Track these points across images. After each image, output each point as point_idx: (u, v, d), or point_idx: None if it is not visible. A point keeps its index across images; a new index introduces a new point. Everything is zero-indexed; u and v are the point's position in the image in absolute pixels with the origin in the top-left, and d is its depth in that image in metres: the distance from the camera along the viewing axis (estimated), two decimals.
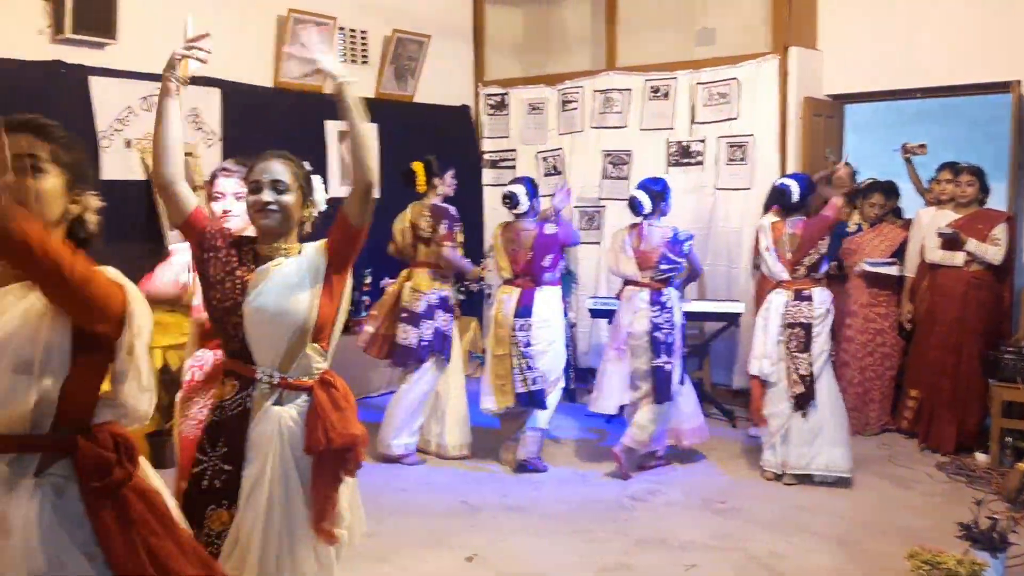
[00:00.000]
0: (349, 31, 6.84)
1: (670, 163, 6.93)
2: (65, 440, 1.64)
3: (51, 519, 1.61)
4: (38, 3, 5.12)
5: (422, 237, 5.35)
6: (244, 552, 2.32)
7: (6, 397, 1.57)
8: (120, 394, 1.74)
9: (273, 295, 2.37)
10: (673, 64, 6.96)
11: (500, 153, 7.89)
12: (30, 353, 1.60)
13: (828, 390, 4.88)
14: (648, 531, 4.30)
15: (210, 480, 2.37)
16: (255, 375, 2.39)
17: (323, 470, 2.38)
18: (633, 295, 5.04)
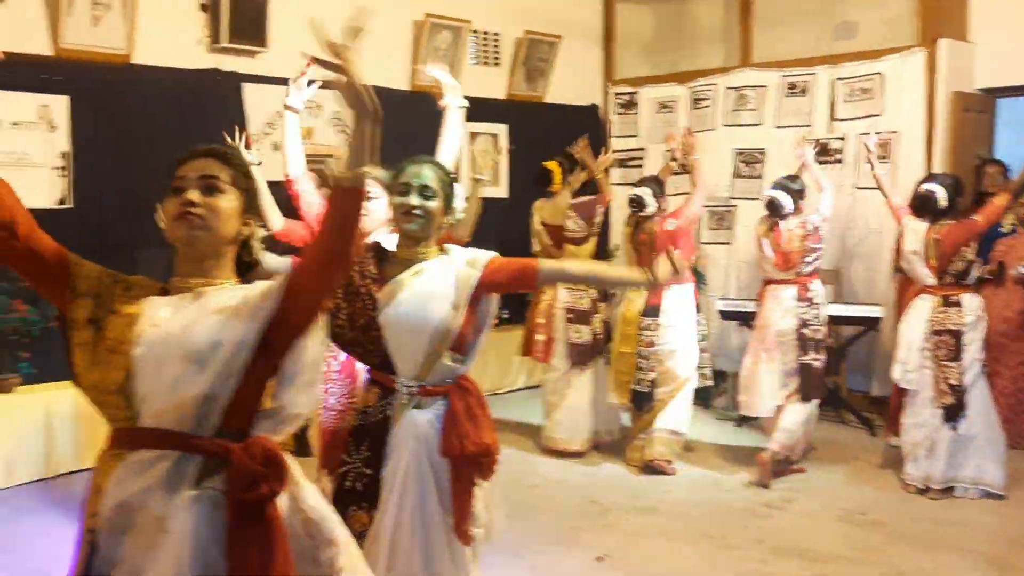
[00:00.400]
0: (482, 34, 6.97)
1: None
2: (222, 447, 1.67)
3: (207, 534, 1.64)
4: (198, 15, 5.45)
5: (572, 237, 5.41)
6: (379, 550, 2.40)
7: (173, 385, 1.64)
8: (283, 397, 1.77)
9: (412, 305, 2.41)
10: (811, 59, 6.76)
11: (628, 152, 7.85)
12: (203, 345, 1.66)
13: (981, 402, 4.65)
14: (785, 540, 4.21)
15: (352, 482, 2.46)
16: (395, 385, 2.46)
17: (459, 474, 2.44)
18: (779, 293, 4.94)
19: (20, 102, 4.86)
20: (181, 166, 1.78)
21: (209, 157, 1.79)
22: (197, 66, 5.44)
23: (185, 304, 1.74)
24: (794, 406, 4.87)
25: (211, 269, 1.79)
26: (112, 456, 1.69)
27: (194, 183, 1.75)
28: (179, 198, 1.74)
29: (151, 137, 5.27)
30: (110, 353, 1.67)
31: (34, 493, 4.69)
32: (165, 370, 1.65)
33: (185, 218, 1.73)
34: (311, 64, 2.44)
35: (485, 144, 7.10)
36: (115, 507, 1.64)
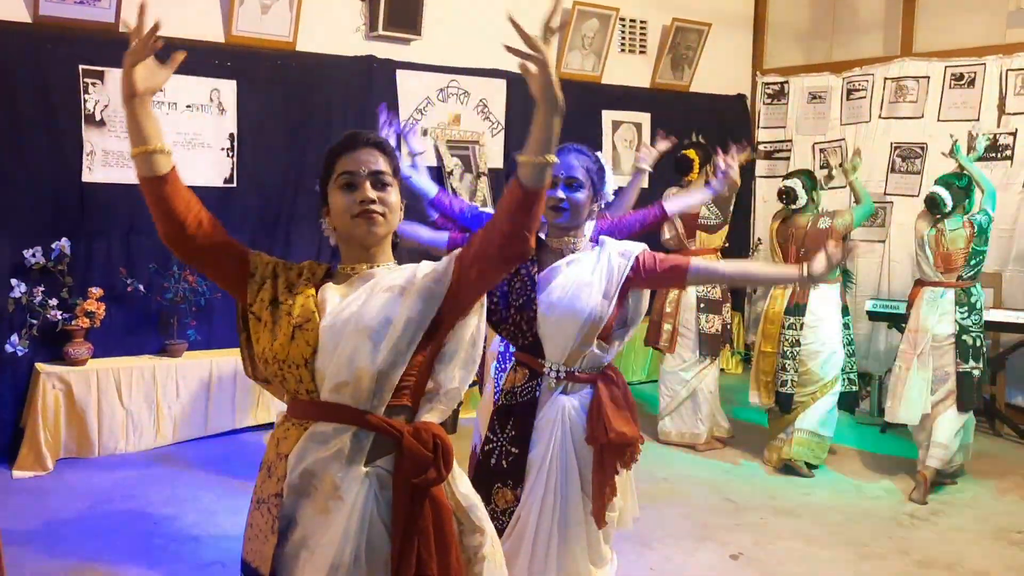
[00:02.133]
0: (629, 21, 6.92)
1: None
2: (395, 428, 1.75)
3: (374, 508, 1.72)
4: (357, 4, 5.66)
5: (705, 225, 5.36)
6: (522, 530, 2.47)
7: (351, 360, 1.72)
8: (440, 373, 1.84)
9: (566, 293, 2.44)
10: (980, 49, 6.36)
11: (775, 144, 7.63)
12: (376, 320, 1.75)
13: None
14: (932, 553, 4.03)
15: (498, 459, 2.51)
16: (543, 369, 2.51)
17: (602, 461, 2.48)
18: (935, 296, 4.71)
19: (195, 86, 5.19)
20: (342, 157, 1.82)
21: (371, 147, 1.83)
22: (354, 53, 5.66)
23: (357, 286, 1.83)
24: (948, 417, 4.63)
25: (376, 255, 1.87)
26: (293, 426, 1.80)
27: (365, 179, 1.80)
28: (354, 195, 1.79)
29: (310, 121, 5.53)
30: (297, 329, 1.77)
31: (196, 450, 5.04)
32: (344, 345, 1.74)
33: (367, 216, 1.79)
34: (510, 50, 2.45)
35: (627, 133, 7.06)
36: (300, 473, 1.75)
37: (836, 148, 7.16)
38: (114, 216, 5.03)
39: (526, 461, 2.48)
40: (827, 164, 7.09)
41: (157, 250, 5.09)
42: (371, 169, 1.81)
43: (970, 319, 4.63)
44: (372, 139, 1.84)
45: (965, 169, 4.83)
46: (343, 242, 1.87)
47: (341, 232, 1.85)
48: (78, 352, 4.83)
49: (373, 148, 1.83)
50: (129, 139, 1.75)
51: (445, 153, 5.96)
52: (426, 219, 3.30)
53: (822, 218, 5.01)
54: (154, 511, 4.21)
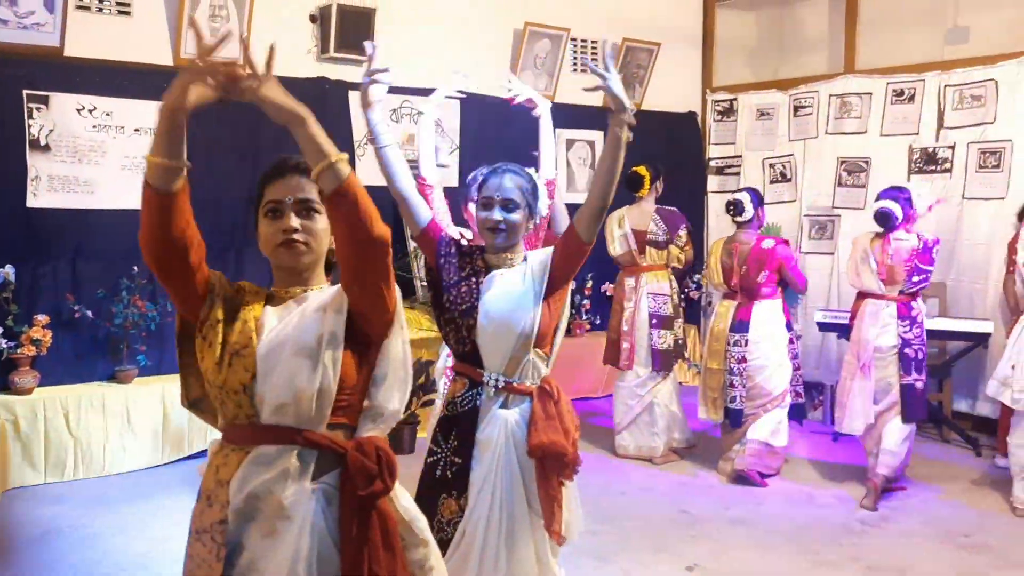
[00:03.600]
0: (580, 41, 7.01)
1: (912, 170, 6.53)
2: (338, 444, 1.77)
3: (322, 524, 1.73)
4: (308, 26, 5.67)
5: (654, 241, 5.42)
6: (468, 547, 2.48)
7: (290, 381, 1.73)
8: (376, 396, 1.85)
9: (498, 303, 2.50)
10: (920, 66, 6.55)
11: (726, 160, 7.77)
12: (311, 339, 1.76)
13: None
14: (882, 559, 4.10)
15: (443, 470, 2.52)
16: (482, 379, 2.53)
17: (545, 474, 2.50)
18: (879, 309, 4.80)
19: (143, 109, 5.15)
20: (270, 184, 1.83)
21: (299, 174, 1.83)
22: (306, 75, 5.66)
23: (290, 309, 1.84)
24: (894, 426, 4.73)
25: (309, 279, 1.88)
26: (233, 451, 1.79)
27: (291, 207, 1.81)
28: (278, 224, 1.80)
29: (262, 143, 5.50)
30: (234, 356, 1.77)
31: (148, 477, 4.96)
32: (283, 368, 1.75)
33: (290, 246, 1.81)
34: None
35: (581, 151, 7.13)
36: (245, 497, 1.74)
37: (786, 163, 7.31)
38: (60, 242, 4.97)
39: (469, 471, 2.50)
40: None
41: (105, 275, 5.04)
42: (297, 197, 1.81)
43: (911, 332, 4.72)
44: (301, 165, 1.82)
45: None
46: (274, 267, 1.89)
47: (270, 258, 1.87)
48: (24, 381, 4.74)
49: (301, 175, 1.83)
50: (154, 147, 1.71)
51: None
52: None
53: (767, 239, 5.08)
54: (104, 540, 4.13)
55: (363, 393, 1.85)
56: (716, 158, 7.83)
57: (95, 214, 5.06)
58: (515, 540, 2.49)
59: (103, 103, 5.04)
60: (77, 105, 4.98)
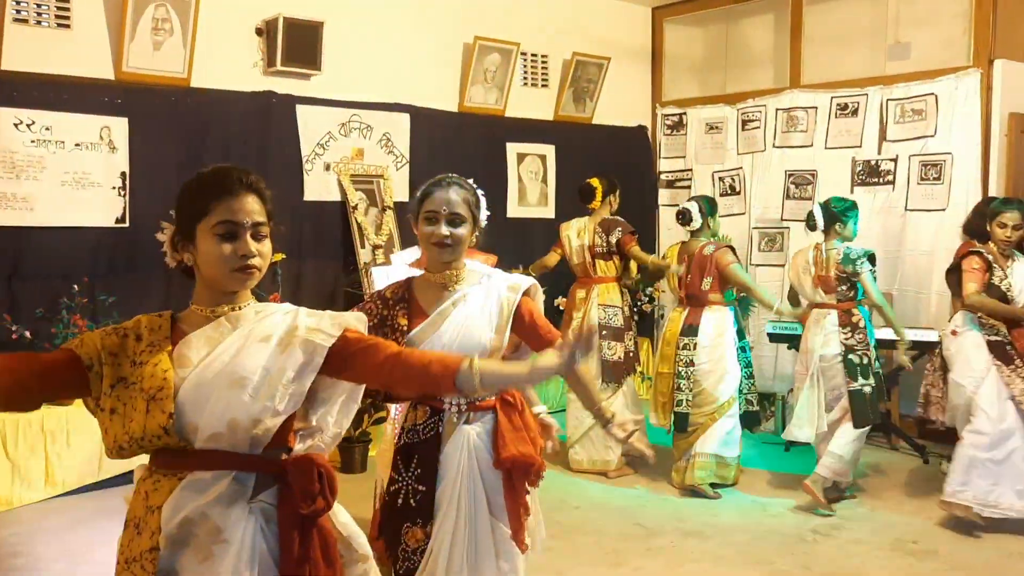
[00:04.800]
0: (531, 56, 7.03)
1: (856, 183, 6.65)
2: (277, 464, 1.74)
3: (261, 543, 1.70)
4: (253, 40, 5.59)
5: (600, 253, 5.43)
6: (435, 562, 2.43)
7: (224, 412, 1.68)
8: (317, 418, 1.83)
9: (456, 334, 2.44)
10: (863, 80, 6.69)
11: (676, 173, 7.84)
12: (251, 372, 1.69)
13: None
14: (834, 567, 4.13)
15: (405, 499, 2.47)
16: (444, 406, 2.49)
17: (512, 484, 2.49)
18: (821, 317, 4.87)
19: (83, 124, 5.03)
20: (221, 202, 1.73)
21: (253, 193, 1.76)
22: (252, 89, 5.58)
23: (223, 333, 1.75)
24: (843, 430, 4.78)
25: (238, 296, 1.80)
26: (164, 476, 1.72)
27: (247, 230, 1.73)
28: (234, 247, 1.72)
29: (208, 158, 5.41)
30: (151, 401, 1.68)
31: (90, 501, 4.80)
32: (217, 399, 1.69)
33: (246, 271, 1.74)
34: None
35: (533, 165, 7.14)
36: (179, 523, 1.67)
37: (735, 176, 7.39)
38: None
39: (434, 498, 2.45)
40: None
41: (43, 294, 4.90)
42: (253, 220, 1.74)
43: (854, 338, 4.79)
44: (253, 183, 1.77)
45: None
46: (205, 286, 1.79)
47: (207, 278, 1.77)
48: None
49: (254, 194, 1.76)
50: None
51: (349, 188, 5.91)
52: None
53: (708, 245, 5.12)
54: (44, 567, 3.99)
55: (304, 416, 1.82)
56: (666, 172, 7.89)
57: (34, 232, 4.92)
58: (479, 553, 2.46)
59: (42, 117, 4.91)
60: (14, 119, 4.84)
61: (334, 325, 1.78)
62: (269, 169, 5.63)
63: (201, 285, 1.79)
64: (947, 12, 6.43)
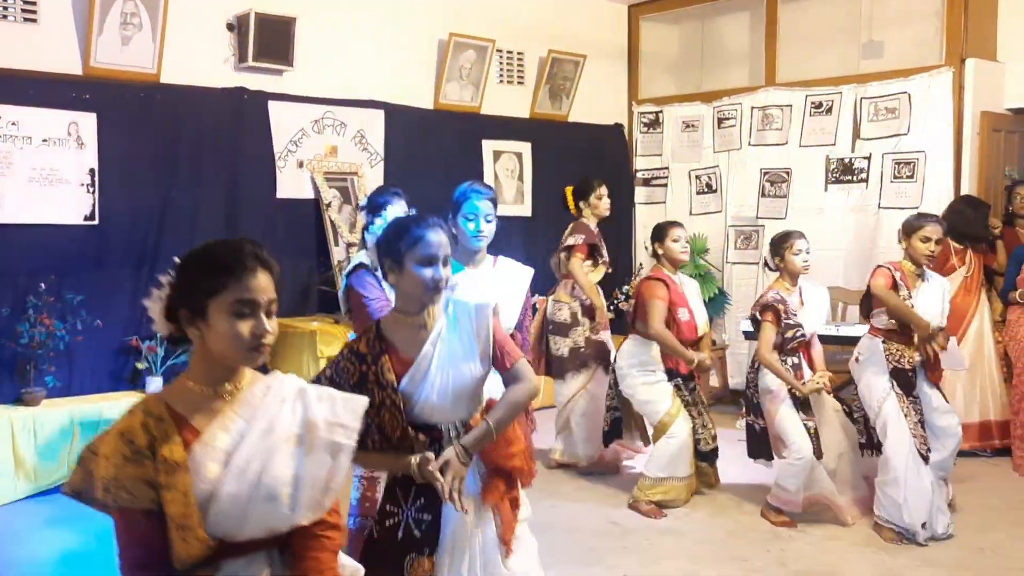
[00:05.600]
0: (506, 53, 7.00)
1: (830, 181, 6.69)
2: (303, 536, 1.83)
3: None
4: (225, 35, 5.53)
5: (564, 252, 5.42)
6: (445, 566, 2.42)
7: (260, 522, 1.73)
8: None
9: (447, 374, 2.38)
10: (837, 79, 6.73)
11: (653, 171, 7.84)
12: (288, 483, 1.73)
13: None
14: (809, 564, 4.14)
15: (407, 531, 2.41)
16: (443, 436, 2.43)
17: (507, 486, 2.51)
18: None
19: (51, 119, 4.95)
20: (236, 280, 1.69)
21: (266, 271, 1.74)
22: (224, 85, 5.51)
23: (236, 425, 1.73)
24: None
25: (239, 372, 1.79)
26: (200, 569, 1.70)
27: (264, 308, 1.72)
28: (248, 325, 1.69)
29: (178, 155, 5.35)
30: (180, 530, 1.66)
31: (58, 504, 4.72)
32: (254, 515, 1.71)
33: (261, 350, 1.72)
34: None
35: (509, 162, 7.12)
36: None
37: (711, 174, 7.41)
38: None
39: (440, 524, 2.42)
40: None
41: (10, 293, 4.81)
42: (268, 298, 1.73)
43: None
44: (265, 259, 1.74)
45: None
46: (206, 361, 1.75)
47: (215, 354, 1.73)
48: None
49: (267, 272, 1.74)
50: None
51: (322, 185, 5.85)
52: None
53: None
54: (10, 571, 3.91)
55: None
56: (643, 170, 7.90)
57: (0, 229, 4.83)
58: (489, 561, 2.46)
59: (8, 113, 4.82)
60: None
61: (350, 415, 1.81)
62: (241, 166, 5.58)
63: (201, 359, 1.74)
64: (920, 11, 6.47)
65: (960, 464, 5.66)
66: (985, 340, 5.79)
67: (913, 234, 4.41)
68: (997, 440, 5.77)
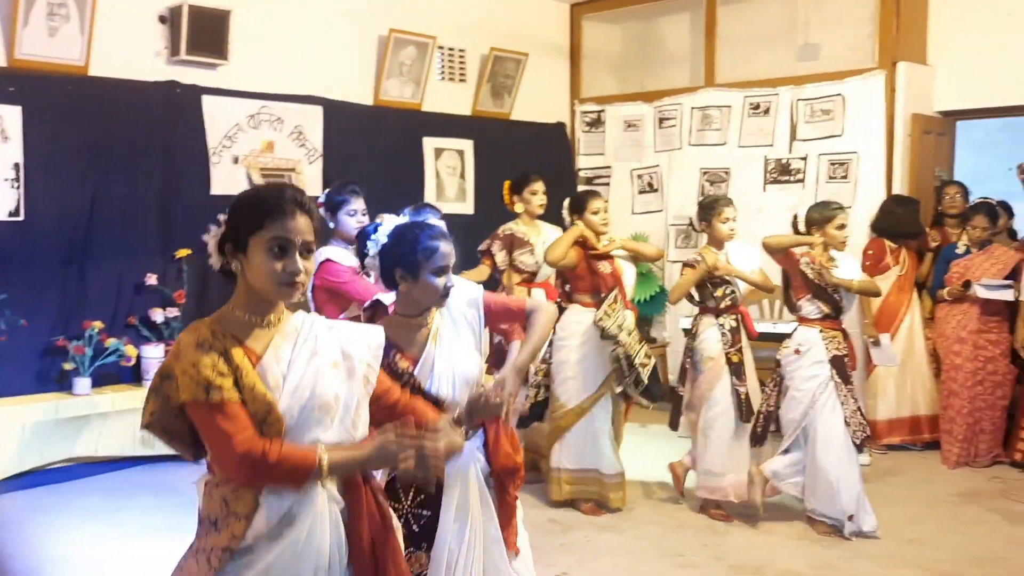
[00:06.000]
0: (448, 50, 6.96)
1: (768, 181, 6.79)
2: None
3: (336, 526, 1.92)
4: (156, 26, 5.39)
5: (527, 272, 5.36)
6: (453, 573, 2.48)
7: (314, 434, 1.88)
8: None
9: (451, 372, 2.48)
10: (774, 80, 6.83)
11: (595, 170, 7.87)
12: (332, 400, 1.91)
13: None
14: (744, 558, 4.19)
15: (407, 526, 2.47)
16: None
17: (504, 488, 2.61)
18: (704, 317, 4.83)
19: None
20: (275, 220, 1.84)
21: (305, 214, 1.89)
22: (155, 78, 5.38)
23: (283, 351, 1.90)
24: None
25: (278, 305, 1.94)
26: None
27: (298, 248, 1.87)
28: (284, 263, 1.85)
29: (109, 149, 5.20)
30: (262, 424, 1.82)
31: None
32: (310, 424, 1.87)
33: (294, 287, 1.87)
34: None
35: (451, 160, 7.08)
36: (268, 526, 1.84)
37: (653, 173, 7.47)
38: None
39: (438, 520, 2.48)
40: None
41: None
42: (304, 239, 1.87)
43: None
44: (306, 204, 1.90)
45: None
46: (249, 293, 1.91)
47: (255, 287, 1.89)
48: None
49: (306, 215, 1.89)
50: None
51: (258, 181, 5.75)
52: None
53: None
54: None
55: None
56: (586, 168, 7.92)
57: None
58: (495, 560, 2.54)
59: None
60: None
61: (373, 355, 2.01)
62: (174, 161, 5.45)
63: (244, 291, 1.91)
64: (853, 15, 6.61)
65: (891, 457, 5.85)
66: (916, 337, 5.94)
67: (828, 224, 4.51)
68: (927, 434, 5.92)
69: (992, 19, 6.28)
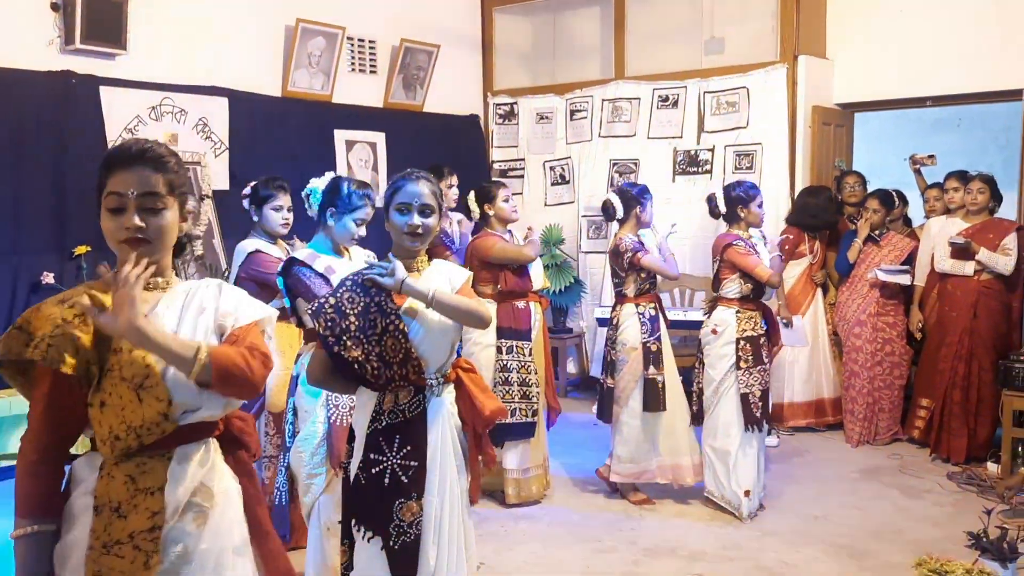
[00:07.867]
0: (357, 41, 6.87)
1: (677, 172, 6.92)
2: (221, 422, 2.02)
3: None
4: (48, 14, 5.16)
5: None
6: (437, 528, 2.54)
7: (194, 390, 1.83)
8: None
9: (437, 320, 2.54)
10: (682, 73, 6.96)
11: (509, 162, 7.89)
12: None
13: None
14: (657, 540, 4.28)
15: (394, 477, 2.51)
16: (427, 382, 2.56)
17: (477, 440, 2.67)
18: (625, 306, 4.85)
19: None
20: (112, 174, 1.75)
21: (144, 164, 1.76)
22: (48, 68, 5.14)
23: (172, 310, 1.85)
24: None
25: (163, 270, 1.87)
26: (150, 458, 1.78)
27: (133, 202, 1.75)
28: (119, 220, 1.75)
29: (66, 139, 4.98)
30: (139, 390, 1.74)
31: None
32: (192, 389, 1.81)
33: (133, 244, 1.76)
34: None
35: (362, 152, 6.99)
36: (183, 497, 1.79)
37: (564, 165, 7.53)
38: None
39: (426, 470, 2.53)
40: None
41: None
42: (140, 191, 1.76)
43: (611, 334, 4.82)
44: (149, 153, 1.78)
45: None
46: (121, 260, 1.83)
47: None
48: None
49: (147, 165, 1.77)
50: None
51: None
52: None
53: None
54: None
55: None
56: (499, 161, 7.94)
57: None
58: (464, 508, 2.63)
59: None
60: None
61: (245, 310, 1.94)
62: (70, 155, 5.22)
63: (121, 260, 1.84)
64: (756, 10, 6.78)
65: (796, 439, 6.05)
66: (819, 323, 6.15)
67: (751, 202, 4.68)
68: (830, 417, 6.15)
69: (887, 15, 6.54)
